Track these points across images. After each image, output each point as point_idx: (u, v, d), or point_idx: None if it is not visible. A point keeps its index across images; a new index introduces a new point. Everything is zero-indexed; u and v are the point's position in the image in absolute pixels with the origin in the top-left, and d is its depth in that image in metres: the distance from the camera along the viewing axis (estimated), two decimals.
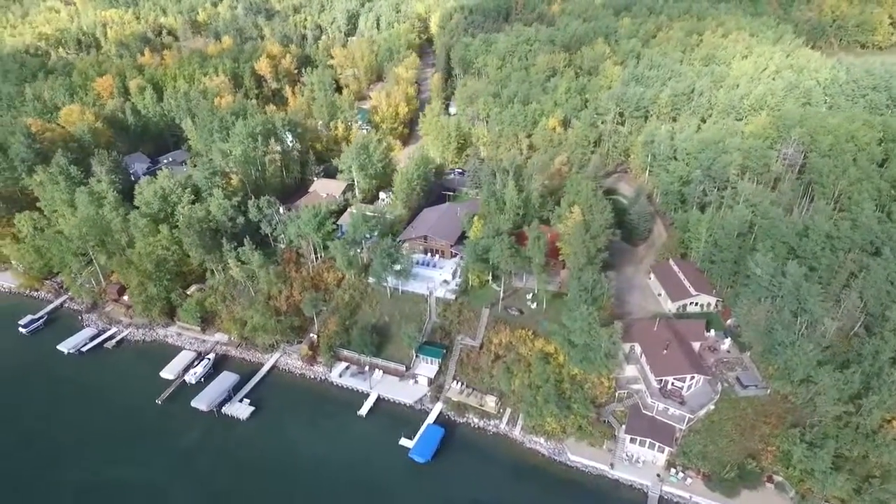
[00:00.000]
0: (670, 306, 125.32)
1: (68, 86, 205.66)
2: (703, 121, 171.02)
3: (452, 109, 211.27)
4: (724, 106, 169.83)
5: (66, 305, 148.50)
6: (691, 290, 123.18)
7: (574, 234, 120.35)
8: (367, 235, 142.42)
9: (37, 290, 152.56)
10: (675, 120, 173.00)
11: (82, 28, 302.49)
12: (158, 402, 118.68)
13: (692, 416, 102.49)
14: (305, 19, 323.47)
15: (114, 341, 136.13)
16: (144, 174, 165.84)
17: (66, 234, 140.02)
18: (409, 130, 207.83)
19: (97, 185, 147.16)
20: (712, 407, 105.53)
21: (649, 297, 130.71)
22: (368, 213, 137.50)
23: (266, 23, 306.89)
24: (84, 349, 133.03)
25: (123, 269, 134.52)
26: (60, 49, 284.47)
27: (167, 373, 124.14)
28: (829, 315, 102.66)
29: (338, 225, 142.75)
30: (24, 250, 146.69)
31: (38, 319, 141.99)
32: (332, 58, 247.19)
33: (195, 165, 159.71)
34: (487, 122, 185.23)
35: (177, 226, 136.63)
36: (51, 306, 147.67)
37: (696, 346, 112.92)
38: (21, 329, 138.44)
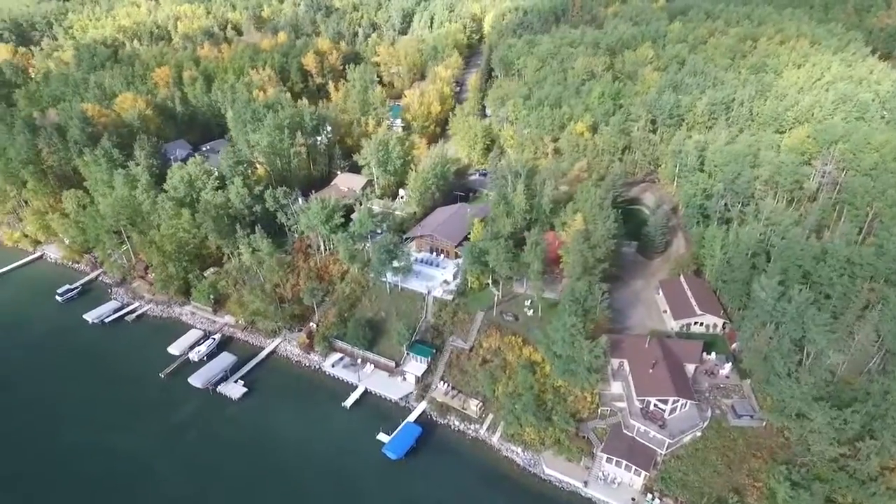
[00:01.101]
0: (673, 324, 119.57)
1: (129, 74, 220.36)
2: (742, 131, 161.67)
3: (489, 110, 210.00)
4: (765, 117, 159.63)
5: (100, 279, 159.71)
6: (696, 309, 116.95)
7: (572, 243, 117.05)
8: (377, 231, 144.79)
9: (77, 263, 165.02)
10: (710, 129, 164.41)
11: (156, 22, 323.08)
12: (161, 375, 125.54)
13: (672, 441, 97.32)
14: (362, 17, 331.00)
15: (134, 315, 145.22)
16: (182, 160, 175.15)
17: (101, 212, 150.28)
18: (441, 130, 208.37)
19: (134, 168, 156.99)
20: (699, 434, 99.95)
21: (654, 314, 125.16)
22: (375, 209, 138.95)
23: (323, 20, 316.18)
24: (107, 320, 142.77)
25: (147, 249, 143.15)
26: (135, 41, 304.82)
27: (174, 349, 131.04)
28: (834, 347, 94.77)
29: (347, 219, 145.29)
30: (68, 225, 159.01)
31: (73, 289, 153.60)
32: (377, 55, 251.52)
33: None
34: (514, 124, 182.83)
35: (198, 210, 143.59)
36: (86, 278, 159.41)
37: (691, 368, 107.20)
38: (58, 297, 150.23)
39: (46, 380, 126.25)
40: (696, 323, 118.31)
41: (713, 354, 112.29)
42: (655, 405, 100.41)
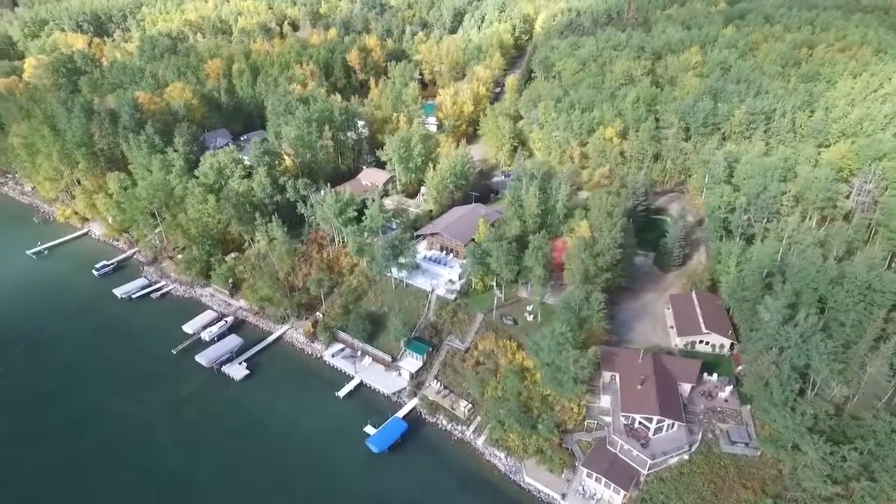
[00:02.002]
0: (677, 341, 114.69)
1: (184, 65, 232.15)
2: (783, 143, 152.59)
3: (522, 112, 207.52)
4: (808, 129, 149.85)
5: (135, 257, 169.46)
6: (702, 326, 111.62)
7: (573, 250, 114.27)
8: (391, 226, 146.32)
9: (116, 241, 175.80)
10: (748, 140, 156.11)
11: (220, 16, 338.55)
12: (174, 351, 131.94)
13: (654, 462, 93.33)
14: (414, 15, 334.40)
15: (159, 293, 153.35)
16: (219, 148, 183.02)
17: (137, 194, 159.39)
18: (473, 129, 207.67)
19: (171, 153, 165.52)
20: (686, 457, 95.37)
21: (659, 328, 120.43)
22: (389, 205, 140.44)
23: (376, 17, 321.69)
24: (134, 296, 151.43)
25: (173, 231, 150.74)
26: (198, 34, 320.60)
27: (188, 327, 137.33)
28: (840, 379, 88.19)
29: (362, 213, 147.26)
30: (111, 205, 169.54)
31: (109, 265, 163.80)
32: (418, 53, 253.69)
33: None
34: (544, 126, 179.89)
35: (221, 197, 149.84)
36: (122, 256, 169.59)
37: (687, 388, 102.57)
38: (94, 272, 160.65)
39: (73, 346, 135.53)
40: (701, 341, 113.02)
41: (714, 376, 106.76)
42: (640, 423, 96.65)
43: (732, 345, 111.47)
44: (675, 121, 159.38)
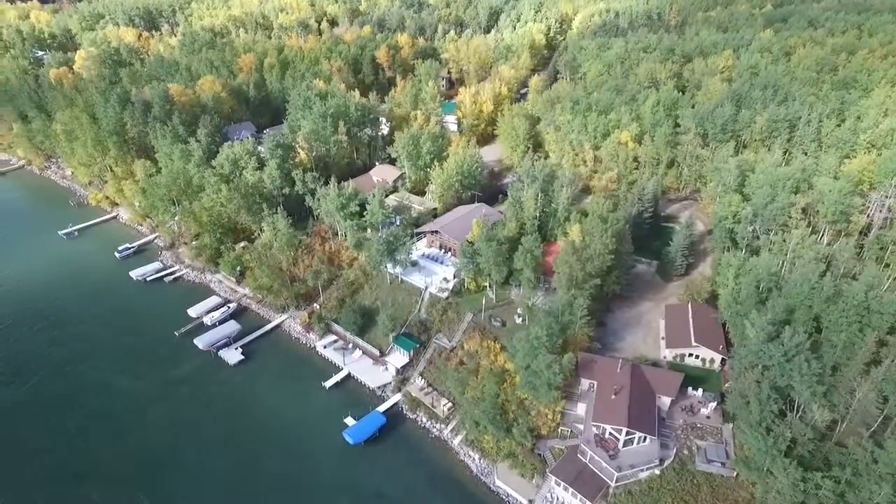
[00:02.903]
0: (665, 353, 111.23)
1: (219, 59, 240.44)
2: (806, 153, 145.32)
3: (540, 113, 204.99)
4: (833, 139, 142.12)
5: (155, 242, 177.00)
6: (692, 339, 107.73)
7: (561, 254, 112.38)
8: (394, 222, 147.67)
9: (140, 225, 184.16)
10: (767, 148, 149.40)
11: (263, 12, 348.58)
12: (176, 333, 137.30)
13: (621, 475, 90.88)
14: (450, 14, 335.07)
15: (172, 277, 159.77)
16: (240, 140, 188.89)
17: (158, 181, 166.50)
18: (493, 130, 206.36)
19: (193, 143, 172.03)
20: (657, 472, 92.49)
21: (650, 339, 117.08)
22: (392, 201, 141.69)
23: (412, 15, 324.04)
24: (148, 279, 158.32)
25: (187, 218, 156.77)
26: (240, 29, 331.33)
27: (193, 311, 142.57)
28: (822, 402, 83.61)
29: (364, 207, 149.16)
30: (136, 190, 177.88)
31: (130, 248, 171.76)
32: (446, 52, 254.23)
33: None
34: (560, 128, 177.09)
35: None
36: (144, 240, 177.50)
37: (666, 401, 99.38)
38: (116, 254, 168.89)
39: (88, 322, 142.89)
40: (690, 354, 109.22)
41: (700, 391, 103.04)
42: (611, 433, 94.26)
43: (723, 360, 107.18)
44: (692, 126, 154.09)
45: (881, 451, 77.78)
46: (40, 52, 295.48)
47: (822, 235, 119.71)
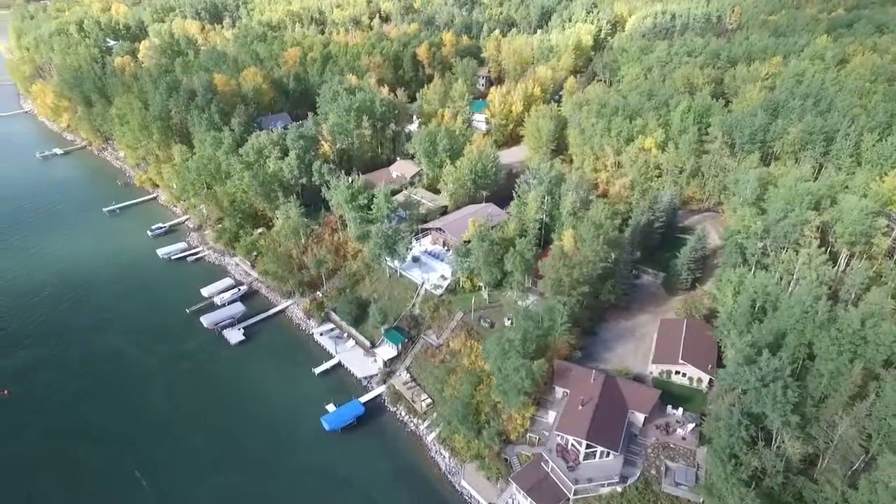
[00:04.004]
0: (651, 368, 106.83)
1: (266, 52, 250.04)
2: (840, 168, 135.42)
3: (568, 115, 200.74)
4: (875, 154, 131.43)
5: (186, 223, 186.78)
6: (679, 356, 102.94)
7: (549, 259, 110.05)
8: (402, 217, 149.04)
9: (175, 207, 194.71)
10: (797, 161, 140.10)
11: (319, 7, 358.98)
12: (187, 311, 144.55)
13: (578, 487, 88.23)
14: (502, 13, 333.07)
15: (194, 257, 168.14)
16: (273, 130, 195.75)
17: (189, 166, 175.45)
18: (521, 130, 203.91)
19: (226, 131, 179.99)
20: (619, 489, 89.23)
21: (640, 353, 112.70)
22: (399, 196, 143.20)
23: (461, 13, 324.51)
24: (173, 258, 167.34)
25: (210, 202, 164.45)
26: (297, 24, 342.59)
27: (205, 291, 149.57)
28: (795, 433, 78.16)
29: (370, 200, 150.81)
30: (173, 174, 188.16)
31: (162, 228, 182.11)
32: (486, 51, 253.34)
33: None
34: (584, 131, 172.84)
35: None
36: (176, 220, 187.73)
37: (640, 417, 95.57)
38: (149, 232, 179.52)
39: (111, 295, 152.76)
40: (677, 372, 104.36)
41: (680, 410, 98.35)
42: (573, 444, 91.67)
43: (711, 381, 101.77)
44: (719, 134, 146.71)
45: (853, 491, 71.86)
46: (111, 42, 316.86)
47: (841, 257, 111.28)
